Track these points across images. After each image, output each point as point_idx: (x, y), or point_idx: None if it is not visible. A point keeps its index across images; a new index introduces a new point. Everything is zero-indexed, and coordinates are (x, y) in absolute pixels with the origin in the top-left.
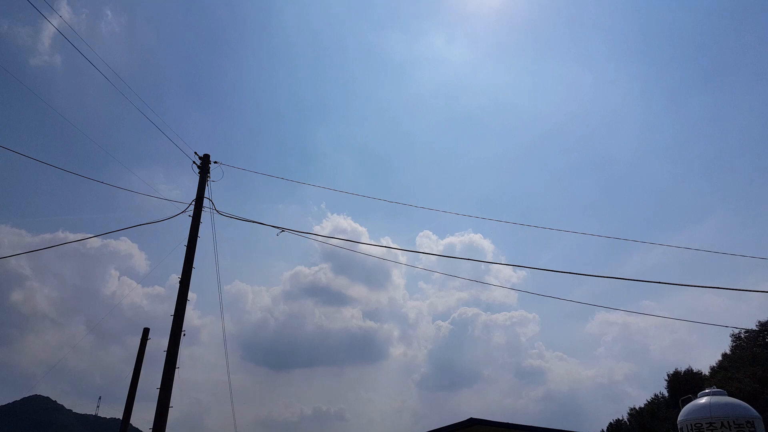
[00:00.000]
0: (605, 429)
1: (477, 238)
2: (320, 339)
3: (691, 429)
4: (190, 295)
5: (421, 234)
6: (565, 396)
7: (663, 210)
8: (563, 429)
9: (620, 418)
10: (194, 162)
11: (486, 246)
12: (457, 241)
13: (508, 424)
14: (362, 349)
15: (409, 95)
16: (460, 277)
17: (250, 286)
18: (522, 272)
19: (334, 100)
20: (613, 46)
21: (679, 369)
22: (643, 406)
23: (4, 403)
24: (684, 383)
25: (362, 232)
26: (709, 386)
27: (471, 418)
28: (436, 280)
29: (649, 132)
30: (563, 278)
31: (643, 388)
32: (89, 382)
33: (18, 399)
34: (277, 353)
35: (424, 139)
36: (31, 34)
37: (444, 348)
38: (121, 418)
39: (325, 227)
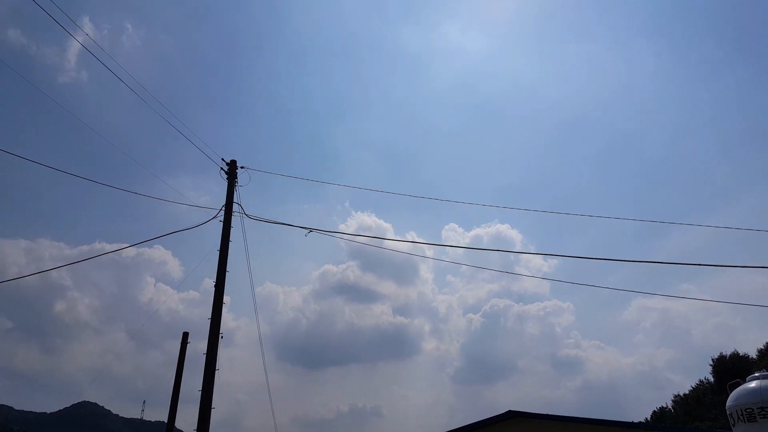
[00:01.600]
0: (649, 418)
1: (504, 228)
2: (352, 336)
3: (742, 414)
4: (224, 298)
5: (446, 227)
6: (605, 385)
7: (699, 189)
8: (604, 419)
9: (664, 406)
10: (222, 168)
11: (514, 236)
12: (484, 232)
13: (547, 415)
14: (394, 345)
15: (427, 88)
16: (489, 269)
17: (280, 287)
18: (553, 261)
19: (351, 97)
20: (638, 23)
21: (724, 353)
22: (687, 392)
23: (55, 410)
24: (730, 367)
25: (387, 229)
26: (758, 369)
27: (509, 411)
28: (464, 273)
29: (680, 110)
30: (597, 265)
31: (687, 375)
32: (133, 387)
33: (68, 405)
34: (311, 352)
35: (444, 131)
36: (58, 53)
37: (476, 341)
38: (164, 420)
39: (350, 225)
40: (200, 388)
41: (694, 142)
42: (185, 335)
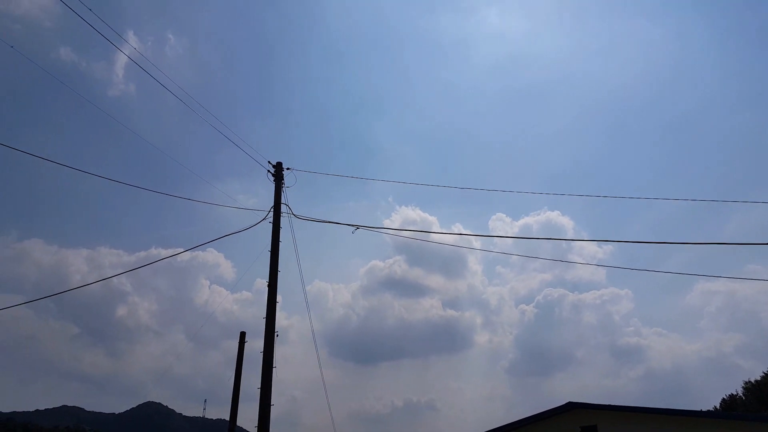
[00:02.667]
0: (718, 406)
1: (555, 215)
2: (402, 331)
3: None
4: (277, 297)
5: (494, 217)
6: (669, 374)
7: (758, 164)
8: (669, 408)
9: (734, 394)
10: (268, 171)
11: (565, 223)
12: (533, 221)
13: (609, 406)
14: (445, 339)
15: (468, 76)
16: (540, 258)
17: (329, 284)
18: (608, 247)
19: (390, 91)
20: None
21: None
22: (759, 378)
23: (123, 411)
24: None
25: (432, 222)
26: None
27: (569, 402)
28: (514, 263)
29: (740, 81)
30: (656, 249)
31: (758, 360)
32: (194, 387)
33: (134, 406)
34: (362, 348)
35: (487, 119)
36: (106, 68)
37: (531, 332)
38: (225, 418)
39: (394, 221)
40: (259, 386)
41: (757, 114)
42: (242, 335)
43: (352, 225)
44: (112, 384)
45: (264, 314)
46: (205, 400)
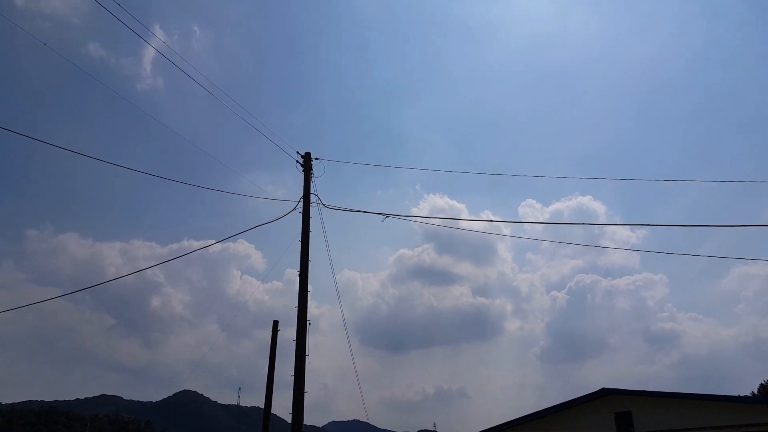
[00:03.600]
0: (756, 391)
1: (586, 200)
2: (432, 319)
3: None
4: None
5: (523, 204)
6: (704, 359)
7: None
8: (706, 393)
9: None
10: (297, 161)
11: (597, 208)
12: (564, 206)
13: (644, 392)
14: (476, 326)
15: (494, 60)
16: (571, 243)
17: (358, 274)
18: (642, 231)
19: (416, 78)
20: None
21: None
22: None
23: (160, 399)
24: None
25: (461, 209)
26: None
27: (603, 389)
28: (545, 249)
29: (763, 59)
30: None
31: None
32: (228, 375)
33: (171, 394)
34: (393, 336)
35: (515, 104)
36: (134, 63)
37: (563, 319)
38: (259, 406)
39: (422, 209)
40: (292, 374)
41: None
42: (275, 323)
43: (381, 213)
44: (149, 373)
45: (295, 303)
46: (240, 388)
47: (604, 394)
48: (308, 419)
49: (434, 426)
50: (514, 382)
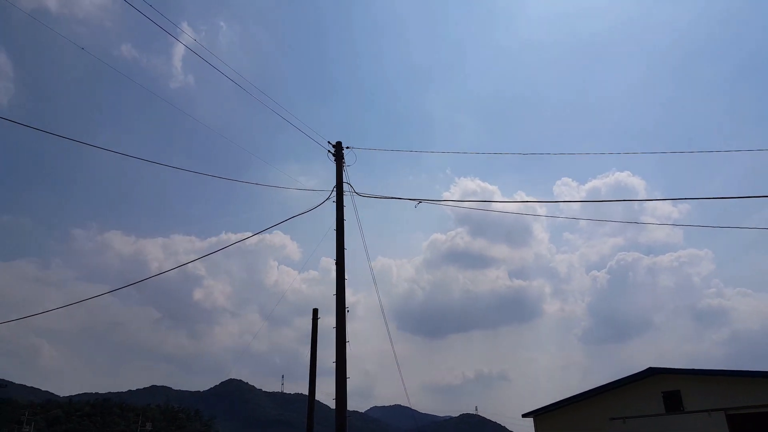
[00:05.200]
0: None
1: (624, 176)
2: (469, 303)
3: None
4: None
5: (558, 182)
6: (756, 335)
7: None
8: (759, 371)
9: None
10: (329, 151)
11: (636, 183)
12: (602, 183)
13: (693, 370)
14: (514, 309)
15: (522, 36)
16: (611, 221)
17: (392, 260)
18: (684, 206)
19: (443, 61)
20: None
21: None
22: None
23: (207, 388)
24: None
25: (493, 191)
26: None
27: (650, 368)
28: (583, 228)
29: None
30: (738, 205)
31: None
32: (271, 363)
33: (217, 383)
34: (430, 321)
35: (546, 80)
36: (165, 62)
37: (604, 299)
38: (302, 392)
39: (453, 193)
40: (333, 361)
41: None
42: (315, 312)
43: (414, 199)
44: (196, 363)
45: (332, 291)
46: (283, 376)
47: (652, 373)
48: (351, 405)
49: (476, 409)
50: (555, 364)
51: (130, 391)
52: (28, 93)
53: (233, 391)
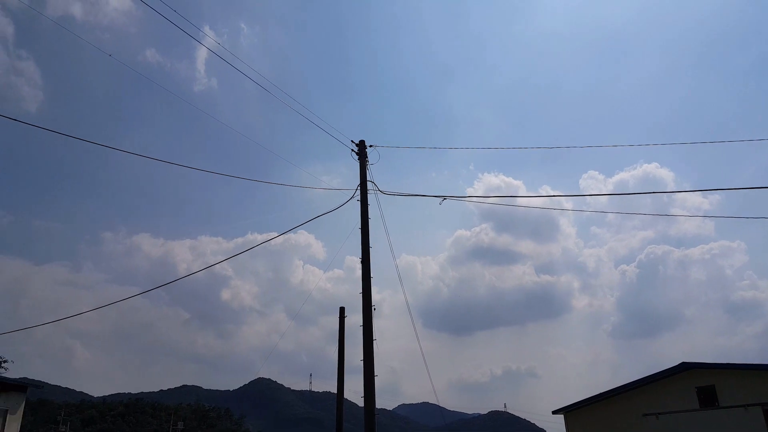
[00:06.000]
0: None
1: (652, 168)
2: (495, 299)
3: None
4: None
5: (585, 176)
6: None
7: None
8: None
9: None
10: (352, 150)
11: (665, 175)
12: (629, 176)
13: (728, 364)
14: (541, 305)
15: (542, 27)
16: (639, 214)
17: (417, 258)
18: (715, 197)
19: (464, 55)
20: None
21: None
22: None
23: (237, 387)
24: None
25: (518, 186)
26: None
27: (683, 363)
28: (611, 222)
29: None
30: None
31: None
32: (298, 362)
33: (246, 382)
34: (456, 318)
35: (569, 71)
36: (189, 65)
37: (634, 293)
38: (330, 390)
39: (477, 188)
40: (360, 359)
41: None
42: (342, 310)
43: (439, 196)
44: (225, 363)
45: (357, 290)
46: (311, 374)
47: (685, 368)
48: (379, 403)
49: (505, 406)
50: (585, 360)
51: (161, 390)
52: (56, 100)
53: (262, 390)
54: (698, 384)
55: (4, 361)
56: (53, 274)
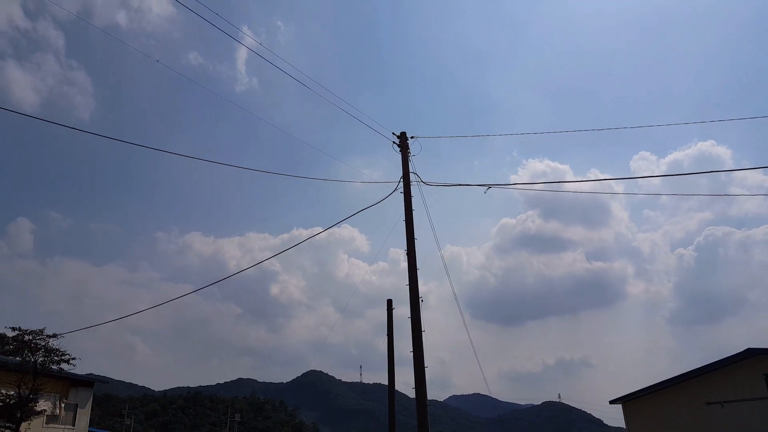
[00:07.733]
0: None
1: (708, 146)
2: (545, 288)
3: None
4: None
5: (636, 157)
6: None
7: None
8: None
9: None
10: (394, 142)
11: (722, 153)
12: (683, 155)
13: None
14: (594, 293)
15: (583, 7)
16: (696, 195)
17: (462, 248)
18: None
19: (502, 40)
20: None
21: None
22: None
23: (290, 380)
24: None
25: (564, 171)
26: None
27: (749, 349)
28: (665, 205)
29: None
30: None
31: None
32: (348, 354)
33: (299, 375)
34: (504, 308)
35: (613, 51)
36: (230, 66)
37: (692, 277)
38: (380, 382)
39: (521, 176)
40: (410, 350)
41: None
42: (389, 302)
43: (483, 185)
44: (277, 356)
45: (402, 282)
46: (361, 366)
47: (751, 354)
48: (429, 394)
49: (559, 397)
50: (642, 348)
51: (218, 384)
52: (107, 106)
53: (314, 382)
54: (766, 371)
55: (72, 358)
56: (112, 274)
